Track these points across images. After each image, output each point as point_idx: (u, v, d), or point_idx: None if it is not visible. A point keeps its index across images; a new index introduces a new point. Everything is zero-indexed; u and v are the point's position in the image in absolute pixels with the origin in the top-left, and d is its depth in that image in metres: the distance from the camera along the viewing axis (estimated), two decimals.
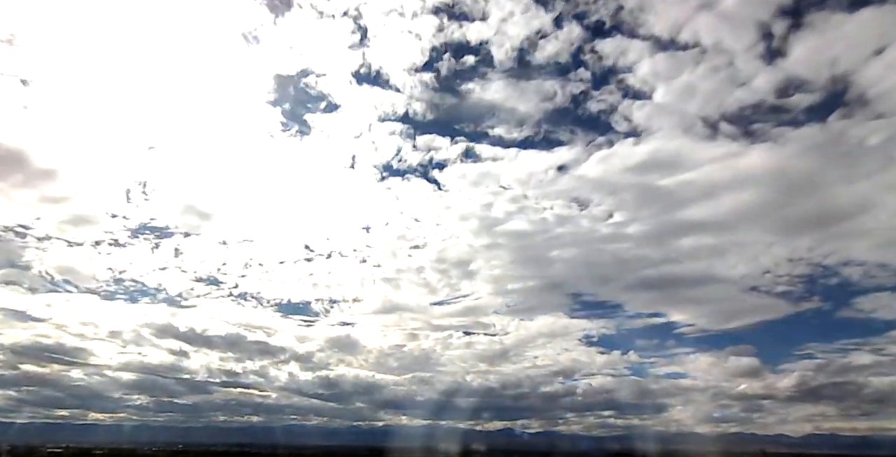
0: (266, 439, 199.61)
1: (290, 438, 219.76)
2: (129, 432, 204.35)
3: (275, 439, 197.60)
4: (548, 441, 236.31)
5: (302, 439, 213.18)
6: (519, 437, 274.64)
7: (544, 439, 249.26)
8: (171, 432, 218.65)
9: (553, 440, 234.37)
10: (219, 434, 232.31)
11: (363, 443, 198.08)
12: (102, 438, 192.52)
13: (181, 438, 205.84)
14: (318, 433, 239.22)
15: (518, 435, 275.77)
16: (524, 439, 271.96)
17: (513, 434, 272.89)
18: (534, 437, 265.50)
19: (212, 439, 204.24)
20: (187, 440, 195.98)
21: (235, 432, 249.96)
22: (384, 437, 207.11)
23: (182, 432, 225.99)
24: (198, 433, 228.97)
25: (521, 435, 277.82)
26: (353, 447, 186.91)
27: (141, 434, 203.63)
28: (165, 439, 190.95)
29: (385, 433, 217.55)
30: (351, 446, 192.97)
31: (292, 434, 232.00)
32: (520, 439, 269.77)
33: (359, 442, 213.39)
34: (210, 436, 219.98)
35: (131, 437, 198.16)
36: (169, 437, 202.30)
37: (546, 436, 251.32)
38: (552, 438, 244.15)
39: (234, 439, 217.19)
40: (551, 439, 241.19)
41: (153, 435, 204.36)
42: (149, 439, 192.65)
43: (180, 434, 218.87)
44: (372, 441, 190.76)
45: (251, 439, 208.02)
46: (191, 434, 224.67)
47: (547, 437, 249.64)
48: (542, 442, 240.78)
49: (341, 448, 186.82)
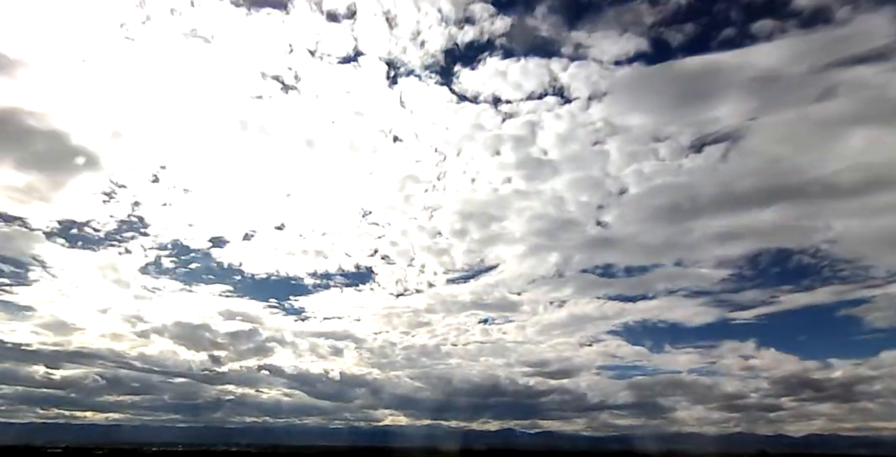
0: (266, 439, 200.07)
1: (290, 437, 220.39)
2: (128, 433, 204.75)
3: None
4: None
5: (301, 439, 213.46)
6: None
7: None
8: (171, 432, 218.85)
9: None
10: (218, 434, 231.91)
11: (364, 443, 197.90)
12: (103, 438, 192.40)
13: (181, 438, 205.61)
14: (318, 433, 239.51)
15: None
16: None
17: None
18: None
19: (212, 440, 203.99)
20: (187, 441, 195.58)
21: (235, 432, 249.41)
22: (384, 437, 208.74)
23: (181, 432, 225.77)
24: (197, 433, 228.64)
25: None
26: (354, 447, 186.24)
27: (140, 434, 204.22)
28: (166, 440, 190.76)
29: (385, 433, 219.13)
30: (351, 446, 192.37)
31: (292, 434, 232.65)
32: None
33: (360, 442, 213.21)
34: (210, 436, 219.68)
35: (131, 437, 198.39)
36: (169, 437, 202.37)
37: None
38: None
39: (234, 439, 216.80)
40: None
41: (153, 435, 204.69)
42: (148, 439, 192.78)
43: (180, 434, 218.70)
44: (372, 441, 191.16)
45: (251, 440, 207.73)
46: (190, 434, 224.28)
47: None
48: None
49: (341, 448, 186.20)
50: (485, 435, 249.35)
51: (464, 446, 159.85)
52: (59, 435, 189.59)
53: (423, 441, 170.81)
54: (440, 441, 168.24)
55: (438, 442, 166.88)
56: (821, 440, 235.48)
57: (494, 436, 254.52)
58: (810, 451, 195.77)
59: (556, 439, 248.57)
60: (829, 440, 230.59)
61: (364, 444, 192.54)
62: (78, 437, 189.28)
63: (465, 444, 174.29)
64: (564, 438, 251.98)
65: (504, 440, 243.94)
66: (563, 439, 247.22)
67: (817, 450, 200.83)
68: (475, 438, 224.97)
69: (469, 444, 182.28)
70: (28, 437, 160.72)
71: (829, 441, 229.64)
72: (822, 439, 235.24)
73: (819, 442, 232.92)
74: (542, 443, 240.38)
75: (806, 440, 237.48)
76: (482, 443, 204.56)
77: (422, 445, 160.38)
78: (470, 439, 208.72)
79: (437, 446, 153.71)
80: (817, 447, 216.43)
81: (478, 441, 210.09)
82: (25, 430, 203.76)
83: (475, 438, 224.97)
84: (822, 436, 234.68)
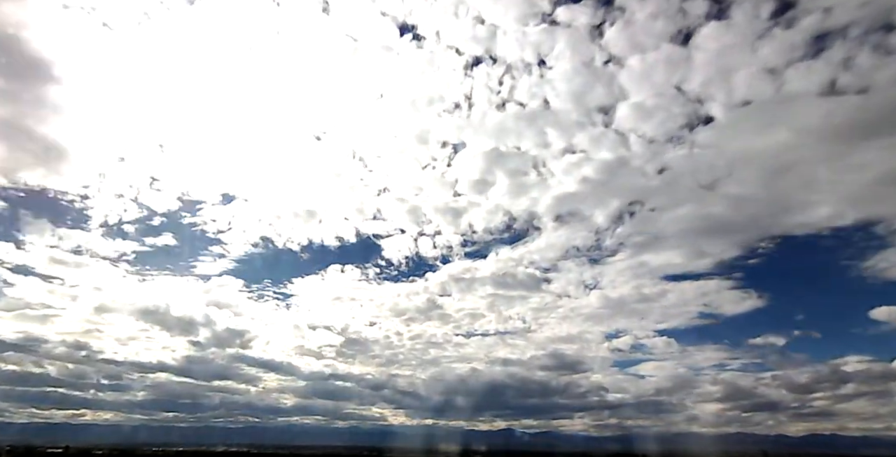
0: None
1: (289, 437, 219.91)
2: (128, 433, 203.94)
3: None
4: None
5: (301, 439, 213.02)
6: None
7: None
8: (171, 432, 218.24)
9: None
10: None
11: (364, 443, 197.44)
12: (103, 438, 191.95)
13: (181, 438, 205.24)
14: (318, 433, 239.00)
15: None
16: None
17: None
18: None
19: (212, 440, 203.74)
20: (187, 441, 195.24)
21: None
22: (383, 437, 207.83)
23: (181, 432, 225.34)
24: (198, 433, 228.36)
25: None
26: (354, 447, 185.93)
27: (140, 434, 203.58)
28: (165, 440, 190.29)
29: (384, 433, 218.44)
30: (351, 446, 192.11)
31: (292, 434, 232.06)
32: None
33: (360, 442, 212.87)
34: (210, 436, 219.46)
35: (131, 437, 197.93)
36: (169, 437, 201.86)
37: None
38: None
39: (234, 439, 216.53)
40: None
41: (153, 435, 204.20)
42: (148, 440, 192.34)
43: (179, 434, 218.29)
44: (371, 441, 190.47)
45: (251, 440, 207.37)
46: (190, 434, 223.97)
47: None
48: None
49: (341, 448, 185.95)
50: (488, 434, 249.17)
51: (464, 445, 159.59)
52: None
53: (427, 441, 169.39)
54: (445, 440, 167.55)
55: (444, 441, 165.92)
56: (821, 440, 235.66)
57: (497, 435, 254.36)
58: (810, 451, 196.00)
59: (558, 439, 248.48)
60: (830, 440, 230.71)
61: (364, 444, 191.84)
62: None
63: (466, 443, 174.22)
64: (564, 437, 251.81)
65: (505, 440, 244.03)
66: (563, 439, 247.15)
67: (817, 450, 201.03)
68: (476, 437, 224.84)
69: (469, 443, 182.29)
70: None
71: (829, 441, 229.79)
72: (823, 439, 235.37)
73: (819, 442, 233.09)
74: (543, 442, 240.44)
75: (806, 440, 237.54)
76: (482, 443, 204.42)
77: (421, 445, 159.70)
78: (470, 438, 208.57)
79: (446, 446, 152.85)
80: (817, 447, 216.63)
81: (479, 441, 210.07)
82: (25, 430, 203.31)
83: (476, 437, 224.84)
84: (822, 436, 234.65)
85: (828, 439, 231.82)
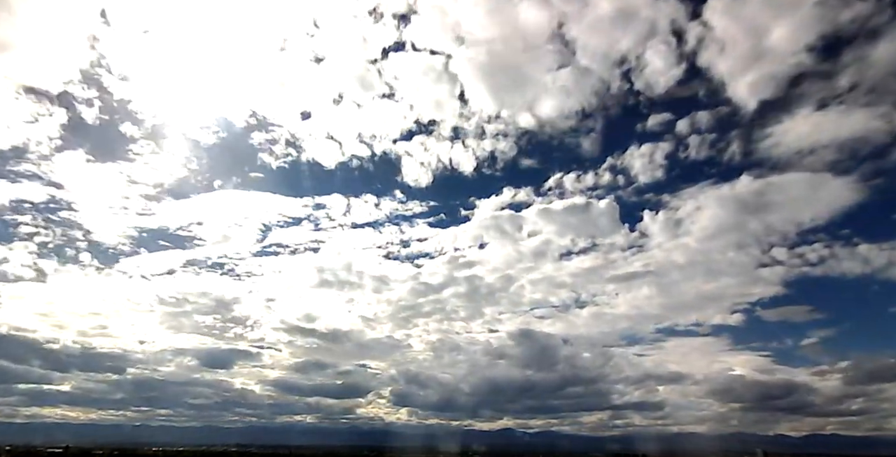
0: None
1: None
2: (128, 433, 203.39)
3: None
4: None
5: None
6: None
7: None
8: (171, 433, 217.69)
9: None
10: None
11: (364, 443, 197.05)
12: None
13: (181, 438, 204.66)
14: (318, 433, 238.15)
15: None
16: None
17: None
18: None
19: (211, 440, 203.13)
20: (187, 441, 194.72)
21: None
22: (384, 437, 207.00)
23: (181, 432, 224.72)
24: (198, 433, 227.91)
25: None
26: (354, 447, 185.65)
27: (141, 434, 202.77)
28: (168, 441, 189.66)
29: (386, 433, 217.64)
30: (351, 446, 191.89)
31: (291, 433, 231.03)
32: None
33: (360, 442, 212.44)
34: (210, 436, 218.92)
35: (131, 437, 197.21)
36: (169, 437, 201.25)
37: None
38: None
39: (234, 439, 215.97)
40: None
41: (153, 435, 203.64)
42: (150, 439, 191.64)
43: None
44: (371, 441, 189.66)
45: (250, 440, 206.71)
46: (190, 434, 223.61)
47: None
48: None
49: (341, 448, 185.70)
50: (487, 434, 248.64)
51: (464, 445, 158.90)
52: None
53: (432, 441, 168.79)
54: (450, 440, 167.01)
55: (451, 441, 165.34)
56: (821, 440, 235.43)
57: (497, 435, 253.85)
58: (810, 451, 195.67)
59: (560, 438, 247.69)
60: (830, 440, 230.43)
61: (364, 444, 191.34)
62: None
63: (466, 443, 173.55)
64: (563, 437, 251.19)
65: (507, 440, 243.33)
66: (563, 438, 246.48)
67: (818, 450, 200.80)
68: (477, 437, 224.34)
69: (470, 443, 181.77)
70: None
71: (829, 441, 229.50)
72: (823, 439, 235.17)
73: (819, 442, 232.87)
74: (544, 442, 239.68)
75: (806, 440, 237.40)
76: (483, 443, 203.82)
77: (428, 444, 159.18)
78: (470, 438, 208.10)
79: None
80: (817, 447, 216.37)
81: (480, 440, 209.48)
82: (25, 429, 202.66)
83: (477, 437, 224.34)
84: (822, 436, 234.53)
85: (828, 439, 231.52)
